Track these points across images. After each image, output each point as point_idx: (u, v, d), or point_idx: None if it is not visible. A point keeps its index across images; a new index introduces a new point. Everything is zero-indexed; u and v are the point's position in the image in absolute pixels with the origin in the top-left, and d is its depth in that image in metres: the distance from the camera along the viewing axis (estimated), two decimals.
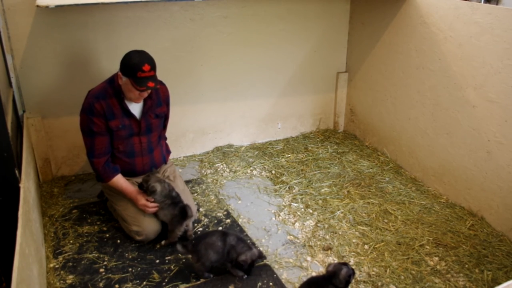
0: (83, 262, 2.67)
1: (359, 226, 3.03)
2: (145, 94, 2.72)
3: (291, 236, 2.94)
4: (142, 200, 2.76)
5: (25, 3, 3.08)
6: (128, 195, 2.82)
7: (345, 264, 2.26)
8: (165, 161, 3.14)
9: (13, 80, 3.23)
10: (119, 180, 2.83)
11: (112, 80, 2.76)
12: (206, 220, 3.10)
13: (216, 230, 2.93)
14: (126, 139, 2.84)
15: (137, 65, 2.57)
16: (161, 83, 2.85)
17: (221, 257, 2.50)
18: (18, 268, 1.64)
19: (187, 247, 2.52)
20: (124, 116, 2.78)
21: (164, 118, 3.04)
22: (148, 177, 2.78)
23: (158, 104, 2.90)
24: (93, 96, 2.73)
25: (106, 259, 2.70)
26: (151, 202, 2.76)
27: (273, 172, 3.75)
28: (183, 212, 2.72)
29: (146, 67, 2.58)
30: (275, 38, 3.99)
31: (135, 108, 2.82)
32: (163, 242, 2.82)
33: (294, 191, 3.46)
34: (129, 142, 2.86)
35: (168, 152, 3.22)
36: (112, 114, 2.74)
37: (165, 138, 3.21)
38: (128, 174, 2.94)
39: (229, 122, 4.12)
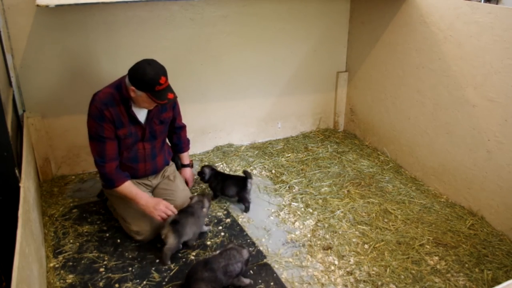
0: (83, 261, 2.67)
1: (359, 226, 3.03)
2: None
3: (291, 236, 2.95)
4: (160, 205, 2.69)
5: (25, 2, 3.08)
6: (139, 200, 2.72)
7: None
8: (167, 164, 3.14)
9: (13, 79, 3.23)
10: (131, 186, 2.75)
11: (119, 86, 2.68)
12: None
13: (196, 263, 2.48)
14: (131, 145, 2.83)
15: (153, 80, 2.51)
16: None
17: (221, 283, 2.35)
18: (18, 267, 1.64)
19: None
20: (131, 124, 2.75)
21: (169, 123, 3.01)
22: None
23: (163, 110, 2.88)
24: (101, 102, 2.65)
25: (106, 258, 2.71)
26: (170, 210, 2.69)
27: (273, 171, 3.75)
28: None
29: (163, 80, 2.54)
30: (275, 38, 3.99)
31: (141, 115, 2.80)
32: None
33: (294, 190, 3.46)
34: (133, 148, 2.85)
35: (170, 154, 3.21)
36: (120, 122, 2.70)
37: (184, 125, 3.17)
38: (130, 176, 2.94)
39: (229, 121, 4.12)
